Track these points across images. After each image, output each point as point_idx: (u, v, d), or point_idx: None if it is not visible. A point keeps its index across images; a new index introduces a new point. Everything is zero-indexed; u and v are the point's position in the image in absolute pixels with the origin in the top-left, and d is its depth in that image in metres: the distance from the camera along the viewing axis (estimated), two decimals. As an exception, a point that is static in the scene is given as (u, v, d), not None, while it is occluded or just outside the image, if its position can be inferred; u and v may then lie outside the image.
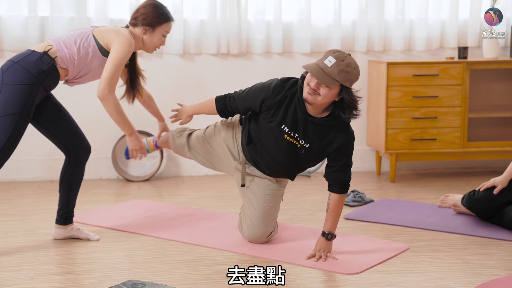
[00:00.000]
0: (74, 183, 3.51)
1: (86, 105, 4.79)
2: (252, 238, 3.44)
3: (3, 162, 3.19)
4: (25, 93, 3.16)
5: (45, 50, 3.23)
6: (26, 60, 3.19)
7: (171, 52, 4.92)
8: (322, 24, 5.09)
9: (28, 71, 3.17)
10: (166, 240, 3.54)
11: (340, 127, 3.23)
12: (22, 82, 3.16)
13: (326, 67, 3.06)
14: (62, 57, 3.25)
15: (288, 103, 3.23)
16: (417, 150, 4.86)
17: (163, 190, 4.71)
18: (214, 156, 3.61)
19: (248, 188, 3.47)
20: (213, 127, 3.62)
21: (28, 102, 3.17)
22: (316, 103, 3.14)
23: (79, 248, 3.42)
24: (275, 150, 3.31)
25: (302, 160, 3.32)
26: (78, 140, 3.46)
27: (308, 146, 3.25)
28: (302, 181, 4.84)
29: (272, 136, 3.28)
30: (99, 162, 4.95)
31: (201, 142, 3.64)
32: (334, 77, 3.05)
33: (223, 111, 3.39)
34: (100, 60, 3.32)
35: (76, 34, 3.32)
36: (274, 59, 5.08)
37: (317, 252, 3.26)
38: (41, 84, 3.20)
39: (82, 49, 3.27)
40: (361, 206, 4.22)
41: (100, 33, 3.31)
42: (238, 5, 4.93)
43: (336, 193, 3.26)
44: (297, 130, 3.24)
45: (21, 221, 3.89)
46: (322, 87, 3.09)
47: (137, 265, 3.19)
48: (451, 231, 3.69)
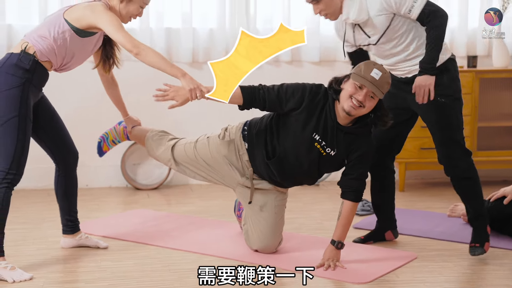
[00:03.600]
0: (68, 191, 3.49)
1: (97, 115, 4.82)
2: (263, 248, 3.43)
3: (22, 165, 3.15)
4: (17, 96, 3.11)
5: (22, 49, 3.14)
6: (7, 65, 3.13)
7: (180, 60, 4.93)
8: (331, 33, 5.08)
9: (13, 75, 3.11)
10: (174, 249, 3.54)
11: (365, 136, 3.27)
12: (10, 87, 3.10)
13: (374, 80, 3.10)
14: (41, 50, 3.15)
15: (320, 111, 3.24)
16: (426, 159, 4.84)
17: (172, 198, 4.72)
18: (211, 172, 3.53)
19: (259, 204, 3.45)
20: (206, 142, 3.52)
21: (23, 104, 3.12)
22: (358, 115, 3.18)
23: (88, 256, 3.42)
24: (303, 159, 3.29)
25: (324, 167, 3.33)
26: (66, 147, 3.43)
27: (334, 153, 3.26)
28: (311, 190, 4.84)
29: (302, 145, 3.26)
30: (108, 170, 4.97)
31: (193, 159, 3.54)
32: (382, 89, 3.14)
33: (248, 101, 3.24)
34: (79, 41, 3.20)
35: (48, 23, 3.19)
36: (283, 67, 5.10)
37: (325, 261, 3.25)
38: (30, 83, 3.14)
39: (57, 36, 3.15)
40: (370, 215, 4.21)
41: (71, 15, 3.16)
42: (246, 14, 4.94)
43: (350, 201, 3.26)
44: (326, 138, 3.25)
45: (31, 229, 3.91)
46: (369, 99, 3.13)
47: (146, 274, 3.20)
48: (460, 241, 3.67)
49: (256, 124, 3.41)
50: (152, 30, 4.89)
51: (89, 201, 4.51)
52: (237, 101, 3.24)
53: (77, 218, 3.56)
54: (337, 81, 3.25)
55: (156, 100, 3.19)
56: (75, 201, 3.53)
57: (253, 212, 3.46)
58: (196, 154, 3.53)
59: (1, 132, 3.10)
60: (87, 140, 4.82)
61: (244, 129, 3.45)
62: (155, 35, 4.89)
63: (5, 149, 3.10)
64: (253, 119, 3.47)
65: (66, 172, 3.46)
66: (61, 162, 3.45)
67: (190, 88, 3.12)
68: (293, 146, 3.28)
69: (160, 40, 4.89)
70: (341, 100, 3.19)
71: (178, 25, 4.93)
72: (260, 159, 3.36)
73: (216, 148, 3.49)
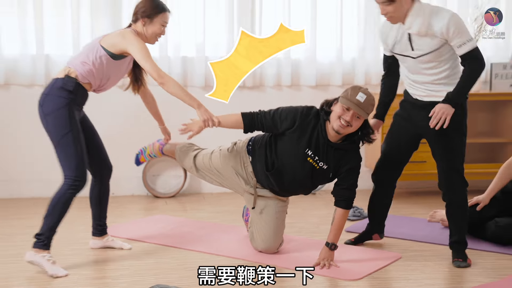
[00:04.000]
0: (101, 199, 3.54)
1: (125, 133, 4.87)
2: (266, 249, 3.47)
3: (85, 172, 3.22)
4: (65, 114, 3.18)
5: (66, 74, 3.22)
6: (54, 89, 3.20)
7: (194, 85, 4.96)
8: (326, 61, 5.13)
9: (60, 97, 3.18)
10: (189, 250, 3.56)
11: (354, 151, 3.30)
12: (58, 107, 3.17)
13: (360, 102, 3.13)
14: (82, 73, 3.23)
15: (312, 129, 3.28)
16: (410, 171, 4.85)
17: (187, 205, 4.74)
18: (223, 180, 3.61)
19: (261, 208, 3.48)
20: (218, 154, 3.59)
21: (72, 120, 3.19)
22: (347, 133, 3.21)
23: (113, 256, 3.45)
24: (297, 172, 3.33)
25: (317, 179, 3.36)
26: (102, 161, 3.50)
27: (326, 167, 3.29)
28: (308, 198, 4.86)
29: (296, 159, 3.30)
30: (131, 180, 4.99)
31: (209, 168, 3.63)
32: (367, 110, 3.16)
33: (248, 126, 3.35)
34: (114, 64, 3.28)
35: (87, 50, 3.27)
36: (284, 91, 5.12)
37: (321, 261, 3.27)
38: (74, 103, 3.22)
39: (95, 61, 3.24)
40: (361, 220, 4.22)
41: (107, 42, 3.25)
42: (252, 44, 4.98)
43: (342, 208, 3.29)
44: (318, 153, 3.28)
45: (65, 232, 3.92)
46: (355, 119, 3.17)
47: (164, 271, 3.21)
48: (439, 243, 3.69)
49: (259, 140, 3.47)
50: (170, 58, 4.93)
51: (115, 208, 4.53)
52: (240, 127, 3.34)
53: (105, 223, 3.59)
54: (328, 103, 3.29)
55: (181, 134, 3.36)
56: (106, 208, 3.58)
57: (256, 216, 3.50)
58: (211, 163, 3.60)
59: (60, 148, 3.18)
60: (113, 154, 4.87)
61: (249, 144, 3.51)
62: (173, 62, 4.93)
63: (68, 161, 3.17)
64: (258, 135, 3.53)
65: (101, 183, 3.52)
66: (97, 173, 3.50)
67: (204, 119, 3.25)
68: (289, 160, 3.33)
69: (177, 67, 4.93)
70: (331, 120, 3.23)
71: (192, 54, 4.96)
72: (261, 170, 3.41)
73: (226, 159, 3.55)
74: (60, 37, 4.77)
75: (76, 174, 3.18)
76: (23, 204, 4.66)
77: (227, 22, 4.93)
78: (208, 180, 3.71)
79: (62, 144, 3.18)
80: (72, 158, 3.18)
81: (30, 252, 3.18)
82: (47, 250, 3.19)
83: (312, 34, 5.02)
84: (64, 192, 3.18)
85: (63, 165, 3.20)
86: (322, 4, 5.04)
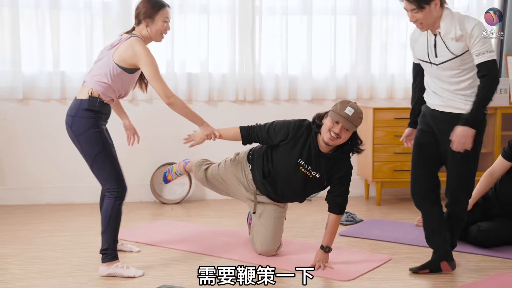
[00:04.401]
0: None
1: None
2: (265, 251, 3.46)
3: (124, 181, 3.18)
4: (95, 134, 3.12)
5: (90, 94, 3.13)
6: (80, 110, 3.12)
7: (198, 99, 4.97)
8: (321, 77, 5.14)
9: (87, 118, 3.11)
10: (194, 253, 3.56)
11: (345, 160, 3.29)
12: (88, 128, 3.11)
13: (348, 116, 3.13)
14: (104, 92, 3.14)
15: (304, 141, 3.28)
16: (399, 179, 4.86)
17: (192, 211, 4.73)
18: (227, 187, 3.63)
19: (259, 213, 3.49)
20: (223, 164, 3.64)
21: (103, 138, 3.14)
22: (336, 144, 3.21)
23: (123, 259, 3.42)
24: (291, 180, 3.33)
25: (310, 187, 3.36)
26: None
27: (318, 176, 3.29)
28: (304, 204, 4.85)
29: (290, 168, 3.31)
30: (140, 188, 4.98)
31: (215, 177, 3.66)
32: (355, 123, 3.15)
33: (245, 138, 3.39)
34: (130, 76, 3.18)
35: (102, 67, 3.16)
36: (282, 105, 5.13)
37: (316, 263, 3.27)
38: (100, 120, 3.17)
39: (114, 79, 3.15)
40: (353, 225, 4.22)
41: (119, 57, 3.12)
42: (252, 61, 5.00)
43: (335, 214, 3.28)
44: (311, 163, 3.28)
45: (77, 235, 3.92)
46: (344, 132, 3.16)
47: (171, 272, 3.21)
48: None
49: (258, 150, 3.48)
50: (176, 74, 4.93)
51: (125, 214, 4.46)
52: (238, 139, 3.39)
53: None
54: (319, 117, 3.30)
55: (184, 143, 3.41)
56: None
57: (256, 220, 3.50)
58: (217, 173, 3.64)
59: (96, 165, 3.14)
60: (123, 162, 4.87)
61: (249, 153, 3.52)
62: (179, 78, 4.93)
63: (107, 176, 3.14)
64: (257, 146, 3.54)
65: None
66: None
67: (206, 133, 3.30)
68: (283, 169, 3.33)
69: (183, 83, 4.94)
70: (322, 132, 3.23)
71: (197, 70, 4.97)
72: (259, 178, 3.42)
73: (229, 168, 3.57)
74: (75, 55, 4.78)
75: (117, 185, 3.15)
76: (39, 210, 4.65)
77: (229, 40, 4.95)
78: (216, 190, 3.73)
79: (97, 161, 3.13)
80: (110, 173, 3.14)
81: (102, 267, 3.17)
82: (117, 261, 3.19)
83: (308, 52, 5.04)
84: (112, 205, 3.15)
85: (103, 180, 3.16)
86: (317, 24, 5.06)
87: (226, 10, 4.93)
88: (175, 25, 4.88)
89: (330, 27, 5.05)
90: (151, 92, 4.52)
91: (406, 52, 5.17)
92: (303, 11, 5.01)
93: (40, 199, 4.87)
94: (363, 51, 5.10)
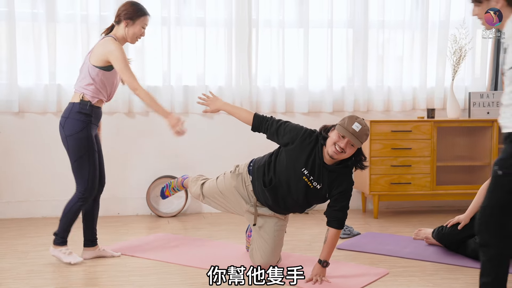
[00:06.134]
0: (94, 212, 3.66)
1: (127, 156, 4.85)
2: (264, 264, 3.43)
3: (94, 188, 3.47)
4: (84, 137, 3.41)
5: (80, 98, 3.41)
6: (72, 112, 3.41)
7: (195, 112, 4.97)
8: (317, 90, 5.15)
9: (79, 120, 3.41)
10: (190, 266, 3.54)
11: (347, 175, 3.28)
12: (78, 130, 3.40)
13: (355, 132, 3.13)
14: (93, 95, 3.42)
15: (310, 151, 3.27)
16: (396, 192, 4.86)
17: (188, 224, 4.71)
18: (226, 201, 3.60)
19: (260, 226, 3.47)
20: (223, 177, 3.62)
21: (89, 141, 3.43)
22: (340, 158, 3.21)
23: (119, 272, 3.41)
24: (293, 188, 3.31)
25: (312, 198, 3.34)
26: (99, 179, 3.60)
27: (319, 187, 3.28)
28: (301, 217, 4.84)
29: (292, 176, 3.29)
30: (136, 201, 4.97)
31: (214, 190, 3.63)
32: (361, 139, 3.15)
33: (256, 127, 3.39)
34: (110, 74, 3.45)
35: (84, 72, 3.43)
36: (278, 117, 5.09)
37: (313, 276, 3.25)
38: (90, 123, 3.43)
39: (96, 79, 3.42)
40: (350, 238, 4.20)
41: (95, 59, 3.43)
42: (249, 74, 5.00)
43: (334, 228, 3.26)
44: (314, 174, 3.27)
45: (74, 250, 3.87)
46: (349, 147, 3.16)
47: (167, 287, 3.19)
48: (424, 259, 3.67)
49: (259, 161, 3.47)
50: (173, 87, 4.93)
51: (120, 227, 4.51)
52: (248, 123, 3.41)
53: (96, 234, 3.67)
54: (326, 129, 3.29)
55: (198, 102, 3.49)
56: (96, 220, 3.67)
57: (256, 233, 3.48)
58: (216, 186, 3.62)
59: (76, 166, 3.43)
60: (119, 175, 4.86)
61: (250, 165, 3.51)
62: (175, 91, 4.93)
63: (82, 178, 3.44)
64: (258, 157, 3.53)
65: (94, 198, 3.60)
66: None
67: (173, 125, 3.41)
68: (286, 176, 3.31)
69: (179, 95, 4.94)
70: (327, 145, 3.23)
71: (193, 83, 4.97)
72: (259, 187, 3.41)
73: (229, 180, 3.56)
74: (71, 68, 4.78)
75: (85, 191, 3.44)
76: (35, 223, 4.63)
77: (226, 53, 4.95)
78: (213, 205, 3.71)
79: (78, 163, 3.42)
80: (85, 176, 3.43)
81: (51, 247, 3.52)
82: (64, 246, 3.49)
83: (305, 65, 5.04)
84: (74, 203, 3.46)
85: (77, 180, 3.45)
86: (314, 37, 5.07)
87: (223, 23, 4.95)
88: (172, 38, 4.89)
89: (326, 40, 5.07)
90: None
91: (402, 65, 5.19)
92: (300, 24, 5.03)
93: (37, 212, 4.84)
94: (359, 64, 5.11)
